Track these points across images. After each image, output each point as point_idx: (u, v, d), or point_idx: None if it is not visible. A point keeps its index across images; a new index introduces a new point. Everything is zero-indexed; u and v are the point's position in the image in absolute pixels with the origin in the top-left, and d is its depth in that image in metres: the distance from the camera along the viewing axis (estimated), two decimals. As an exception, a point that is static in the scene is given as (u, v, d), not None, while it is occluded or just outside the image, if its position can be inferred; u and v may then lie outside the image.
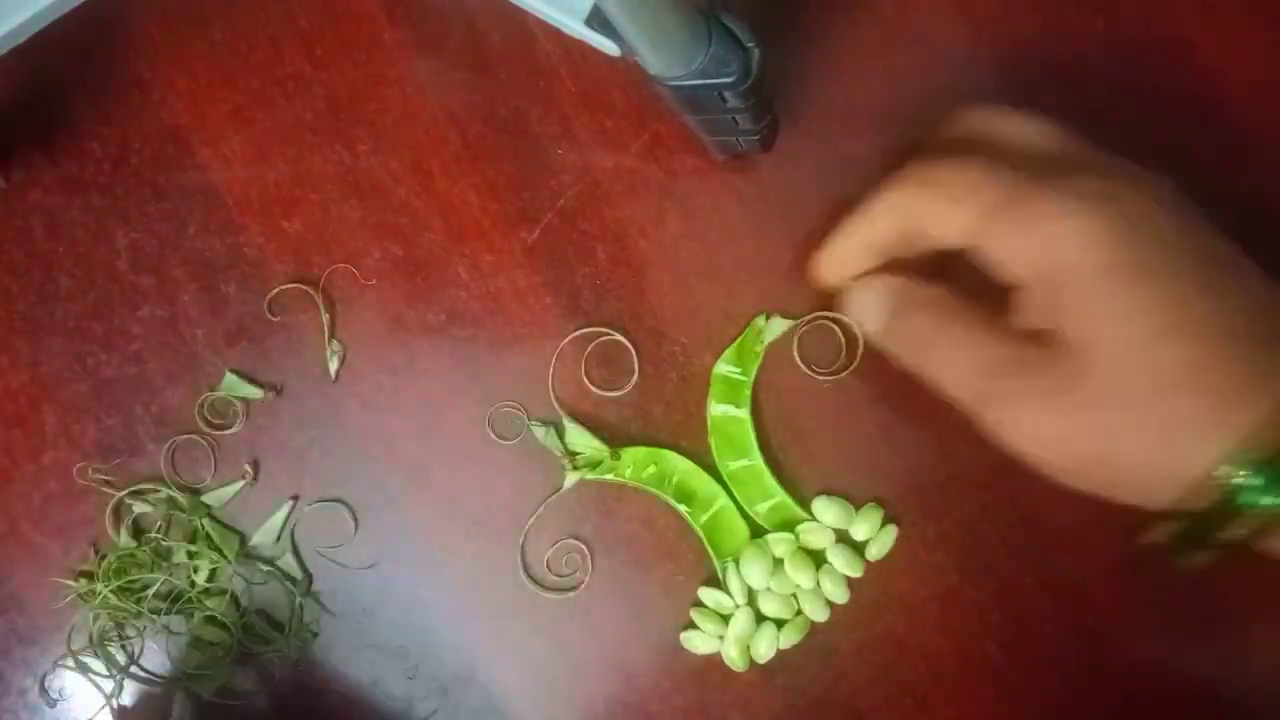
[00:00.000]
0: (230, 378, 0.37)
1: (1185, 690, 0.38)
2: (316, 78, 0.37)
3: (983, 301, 0.32)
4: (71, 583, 0.36)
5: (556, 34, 0.37)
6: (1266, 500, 0.27)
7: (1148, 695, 0.38)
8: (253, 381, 0.37)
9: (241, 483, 0.37)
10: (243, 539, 0.37)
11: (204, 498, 0.37)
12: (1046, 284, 0.29)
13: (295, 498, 0.37)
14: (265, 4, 0.37)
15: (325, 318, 0.37)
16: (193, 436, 0.37)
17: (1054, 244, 0.29)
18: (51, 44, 0.32)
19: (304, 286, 0.37)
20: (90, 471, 0.37)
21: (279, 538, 0.37)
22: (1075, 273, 0.28)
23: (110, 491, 0.37)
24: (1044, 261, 0.29)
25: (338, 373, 0.37)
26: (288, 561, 0.37)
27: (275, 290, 0.37)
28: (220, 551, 0.36)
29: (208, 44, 0.37)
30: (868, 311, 0.35)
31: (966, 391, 0.31)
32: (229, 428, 0.37)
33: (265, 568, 0.37)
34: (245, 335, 0.37)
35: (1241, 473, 0.27)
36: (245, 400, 0.37)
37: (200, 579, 0.36)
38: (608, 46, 0.31)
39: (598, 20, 0.31)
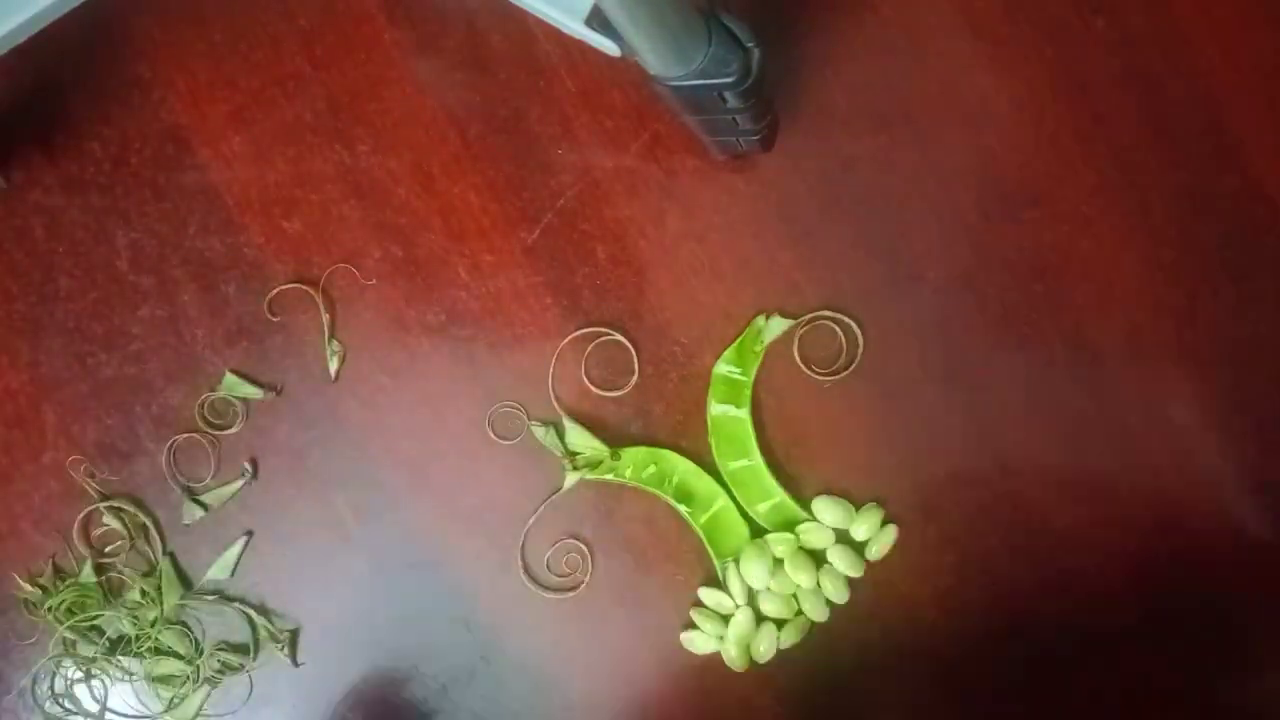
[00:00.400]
0: (230, 378, 0.37)
1: (1185, 695, 0.38)
2: (316, 78, 0.37)
3: None
4: (30, 605, 0.37)
5: (556, 34, 0.37)
6: None
7: (1147, 698, 0.38)
8: (253, 381, 0.37)
9: (240, 482, 0.37)
10: (189, 584, 0.37)
11: (203, 497, 0.37)
12: None
13: (250, 532, 0.37)
14: (265, 4, 0.37)
15: (325, 318, 0.37)
16: (193, 436, 0.37)
17: None
18: (51, 44, 0.32)
19: (304, 287, 0.37)
20: (82, 469, 0.37)
21: (233, 572, 0.37)
22: None
23: (95, 491, 0.37)
24: None
25: (338, 373, 0.37)
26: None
27: (275, 290, 0.37)
28: (159, 601, 0.37)
29: (208, 44, 0.37)
30: None
31: None
32: (229, 428, 0.37)
33: (211, 599, 0.37)
34: (245, 335, 0.37)
35: None
36: (245, 400, 0.37)
37: (148, 617, 0.37)
38: (608, 47, 0.31)
39: (598, 20, 0.31)
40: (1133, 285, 0.38)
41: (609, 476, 0.37)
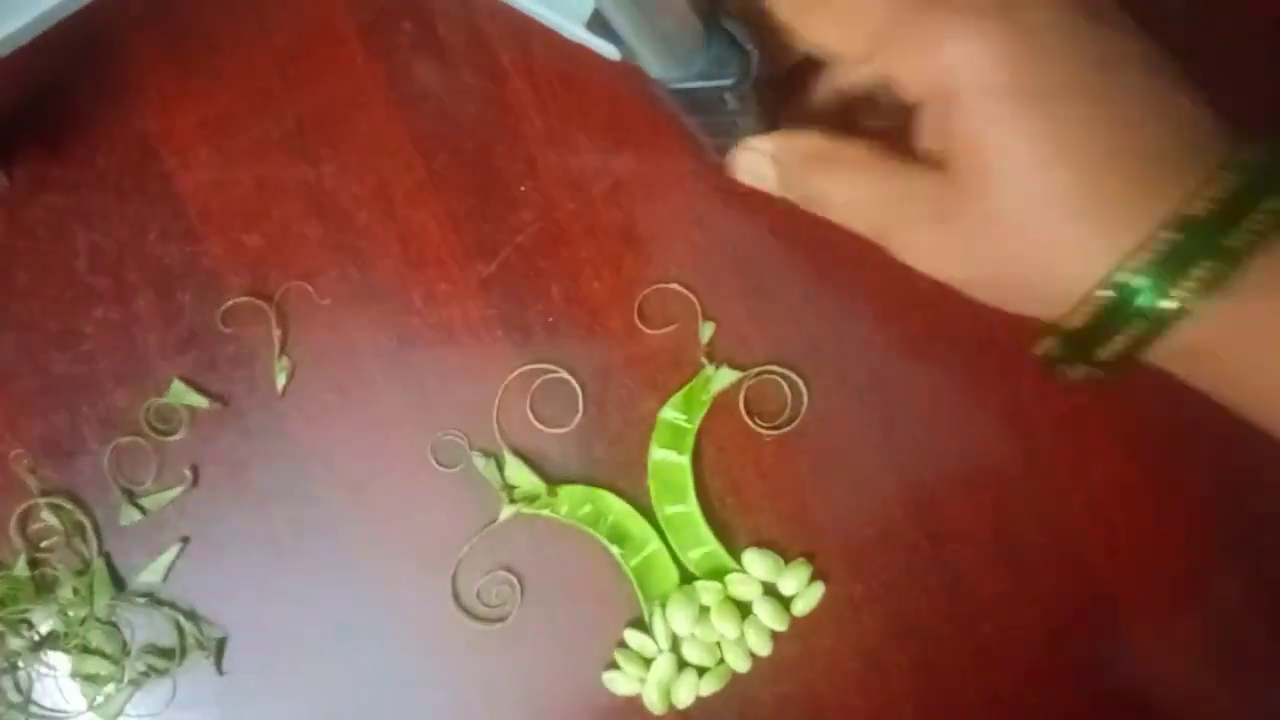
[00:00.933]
0: (178, 385, 0.37)
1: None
2: (288, 96, 0.38)
3: (872, 134, 0.32)
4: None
5: (528, 72, 0.38)
6: (1132, 323, 0.27)
7: (1058, 770, 0.38)
8: (200, 390, 0.38)
9: (180, 489, 0.38)
10: (121, 585, 0.38)
11: (142, 500, 0.38)
12: (939, 105, 0.29)
13: (185, 539, 0.38)
14: (242, 20, 0.37)
15: (277, 333, 0.38)
16: (137, 439, 0.38)
17: (945, 65, 0.28)
18: (25, 46, 0.32)
19: (258, 301, 0.38)
20: (24, 463, 0.37)
21: (165, 577, 0.38)
22: (966, 94, 0.28)
23: (35, 487, 0.37)
24: (936, 83, 0.29)
25: (285, 388, 0.38)
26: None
27: (230, 302, 0.38)
28: (90, 599, 0.37)
29: (182, 54, 0.37)
30: (755, 172, 0.34)
31: (864, 227, 0.32)
32: (173, 434, 0.38)
33: (142, 602, 0.38)
34: (196, 344, 0.38)
35: (1112, 291, 0.27)
36: (191, 408, 0.38)
37: (79, 614, 0.37)
38: (608, 50, 0.32)
39: (598, 24, 0.31)
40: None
41: (545, 512, 0.38)
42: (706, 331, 0.38)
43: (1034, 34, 0.28)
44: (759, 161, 0.33)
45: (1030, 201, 0.28)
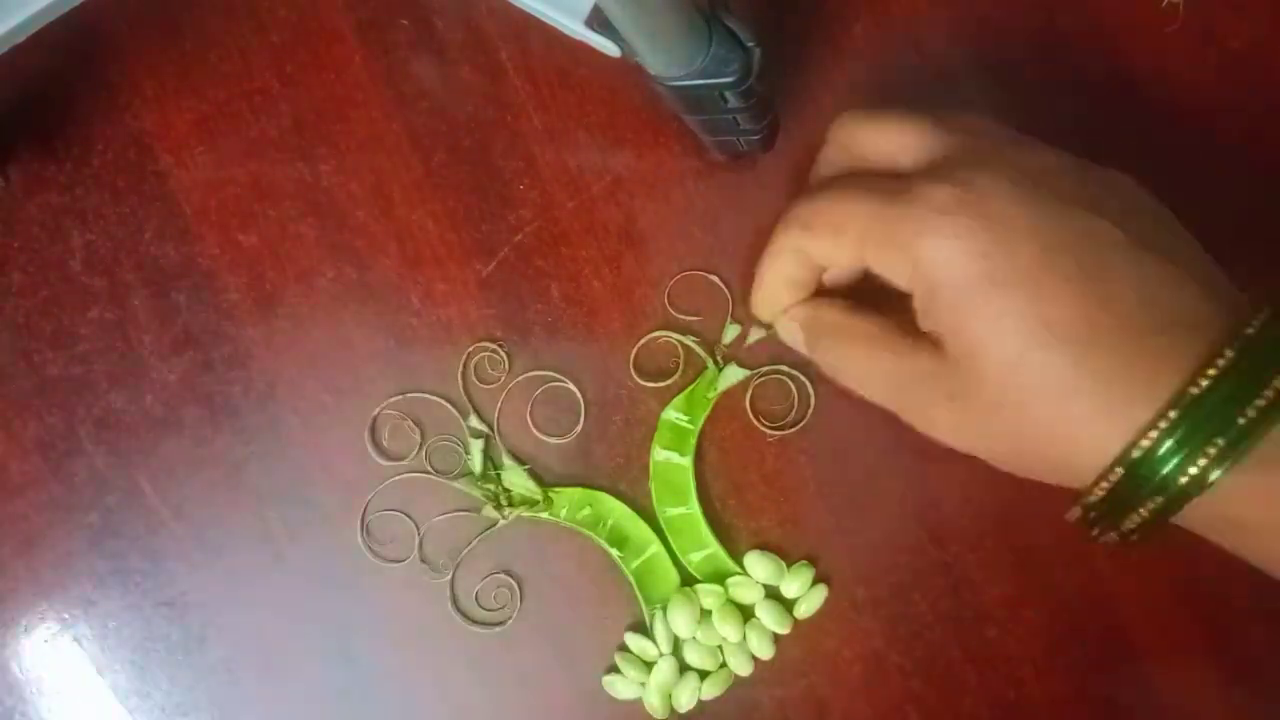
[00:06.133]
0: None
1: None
2: (284, 94, 0.37)
3: (893, 309, 0.32)
4: None
5: (527, 69, 0.37)
6: (1153, 498, 0.27)
7: (1063, 775, 0.38)
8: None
9: (177, 492, 0.37)
10: None
11: (139, 503, 0.37)
12: (923, 297, 0.30)
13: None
14: (238, 18, 0.37)
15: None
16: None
17: (918, 263, 0.29)
18: (20, 44, 0.32)
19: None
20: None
21: None
22: (945, 289, 0.29)
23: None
24: (916, 278, 0.30)
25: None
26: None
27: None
28: None
29: (178, 52, 0.37)
30: (795, 341, 0.36)
31: (885, 402, 0.33)
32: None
33: None
34: (192, 345, 0.37)
35: (1124, 469, 0.27)
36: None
37: None
38: (608, 47, 0.31)
39: (598, 21, 0.31)
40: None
41: (544, 515, 0.37)
42: (730, 333, 0.38)
43: (1001, 224, 0.28)
44: (793, 330, 0.35)
45: (1028, 384, 0.28)
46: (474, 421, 0.37)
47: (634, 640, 0.37)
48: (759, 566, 0.38)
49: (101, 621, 0.37)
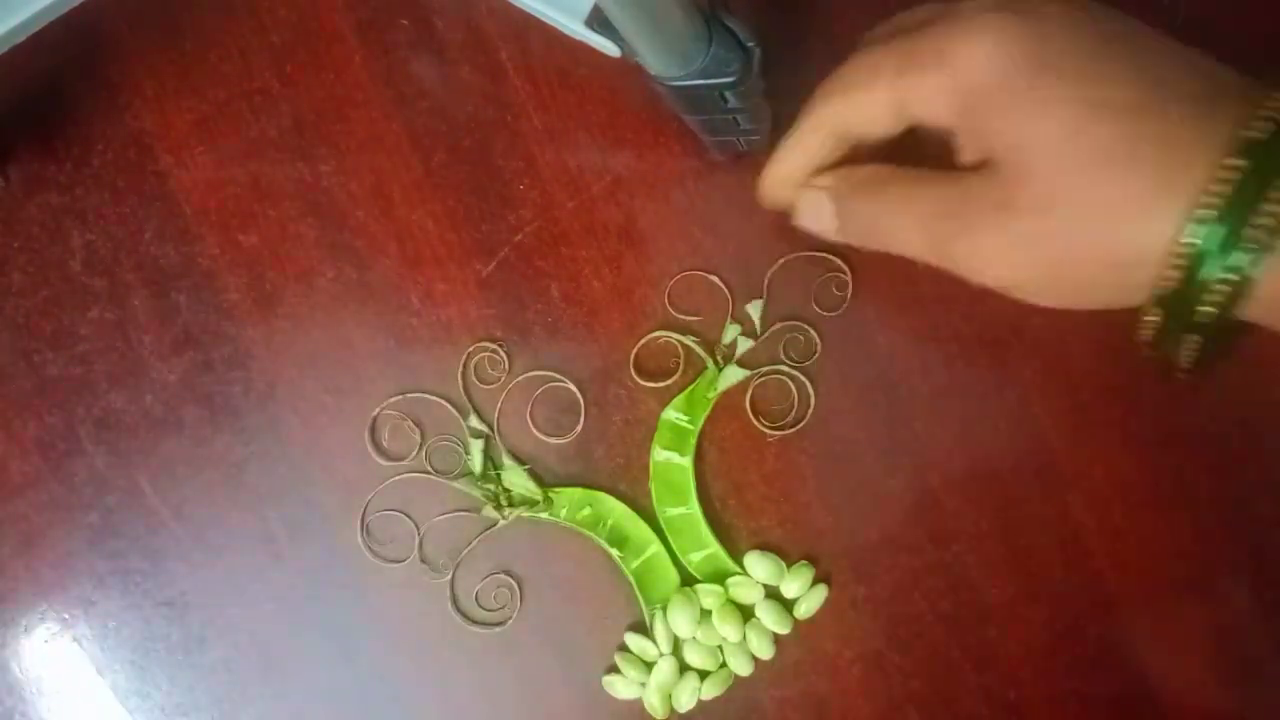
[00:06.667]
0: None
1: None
2: (284, 94, 0.37)
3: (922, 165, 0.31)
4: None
5: (527, 69, 0.37)
6: (1230, 260, 0.25)
7: (1063, 775, 0.38)
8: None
9: (177, 492, 0.37)
10: None
11: (139, 503, 0.37)
12: (968, 115, 0.28)
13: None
14: (238, 18, 0.37)
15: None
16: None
17: (962, 73, 0.28)
18: (20, 44, 0.32)
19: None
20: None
21: None
22: (987, 92, 0.28)
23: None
24: (958, 94, 0.28)
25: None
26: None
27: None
28: None
29: (178, 52, 0.37)
30: (818, 215, 0.33)
31: (923, 245, 0.30)
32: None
33: None
34: (192, 345, 0.37)
35: (1195, 238, 0.25)
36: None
37: None
38: (608, 47, 0.31)
39: (598, 21, 0.31)
40: (1079, 364, 0.38)
41: (544, 515, 0.37)
42: (730, 333, 0.38)
43: (1037, 19, 0.27)
44: (818, 200, 0.33)
45: (1080, 168, 0.26)
46: (474, 421, 0.37)
47: (634, 640, 0.37)
48: (759, 566, 0.38)
49: (101, 621, 0.37)
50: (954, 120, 0.29)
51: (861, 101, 0.30)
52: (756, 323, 0.38)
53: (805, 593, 0.38)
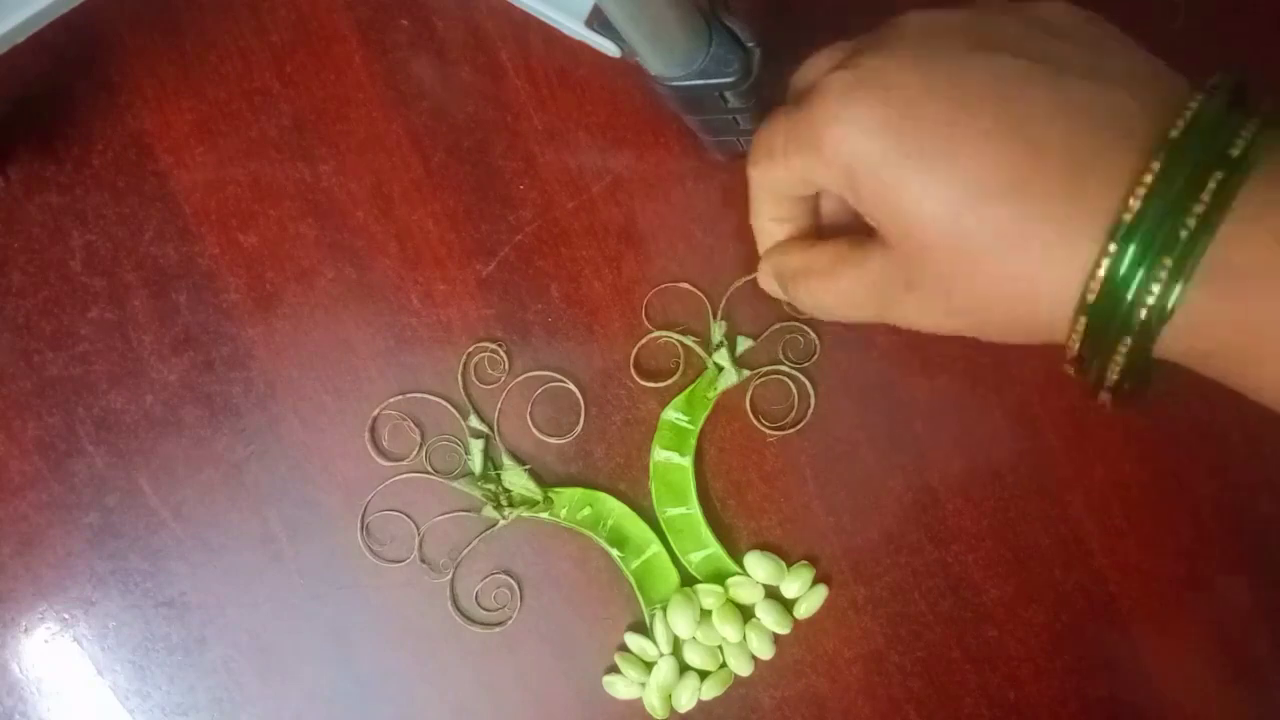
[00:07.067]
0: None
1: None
2: (284, 94, 0.37)
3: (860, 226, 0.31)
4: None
5: (527, 69, 0.37)
6: (1130, 328, 0.25)
7: (1063, 775, 0.38)
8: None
9: (177, 492, 0.37)
10: None
11: (139, 503, 0.37)
12: (855, 194, 0.28)
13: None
14: (238, 18, 0.37)
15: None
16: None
17: (831, 158, 0.28)
18: (20, 45, 0.32)
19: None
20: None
21: None
22: (860, 175, 0.27)
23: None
24: (835, 172, 0.28)
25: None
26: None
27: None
28: None
29: (178, 52, 0.37)
30: (773, 289, 0.35)
31: (868, 318, 0.31)
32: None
33: None
34: (192, 345, 0.37)
35: (1092, 297, 0.25)
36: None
37: None
38: (608, 47, 0.31)
39: (598, 21, 0.31)
40: (1080, 366, 0.38)
41: (544, 515, 0.37)
42: (718, 332, 0.38)
43: (900, 92, 0.27)
44: (765, 276, 0.35)
45: (972, 247, 0.26)
46: (474, 421, 0.37)
47: (634, 640, 0.37)
48: (759, 566, 0.38)
49: (101, 621, 0.37)
50: (846, 195, 0.29)
51: (775, 170, 0.31)
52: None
53: (805, 593, 0.38)
